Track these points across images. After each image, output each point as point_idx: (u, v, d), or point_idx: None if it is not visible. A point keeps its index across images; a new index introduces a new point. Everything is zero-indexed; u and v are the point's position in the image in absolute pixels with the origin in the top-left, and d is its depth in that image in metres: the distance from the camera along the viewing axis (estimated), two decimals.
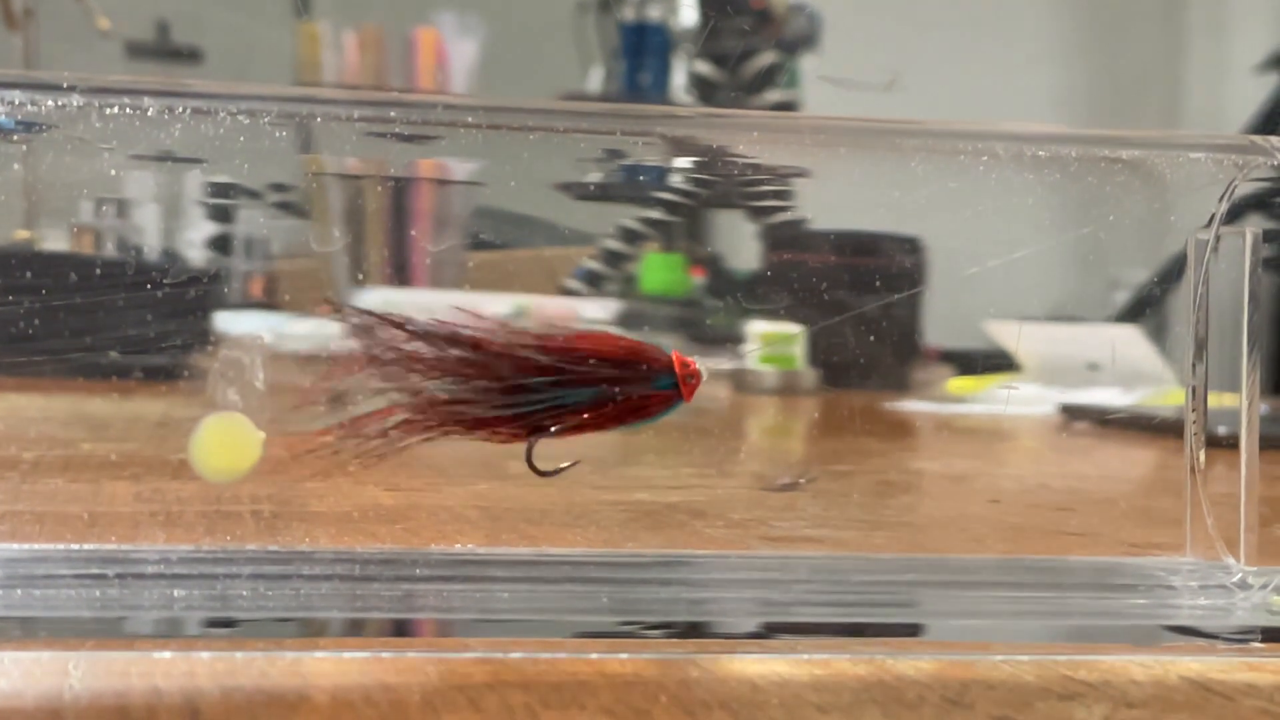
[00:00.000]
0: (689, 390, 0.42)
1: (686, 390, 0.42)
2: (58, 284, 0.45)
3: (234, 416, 0.41)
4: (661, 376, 0.42)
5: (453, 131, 0.44)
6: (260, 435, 0.41)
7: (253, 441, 0.41)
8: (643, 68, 2.46)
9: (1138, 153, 0.47)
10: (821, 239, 0.53)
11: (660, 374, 0.42)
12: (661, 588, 0.43)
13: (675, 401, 0.42)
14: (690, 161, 0.49)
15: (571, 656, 0.39)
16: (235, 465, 0.41)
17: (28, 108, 0.41)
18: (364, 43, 2.69)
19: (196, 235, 0.66)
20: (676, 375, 0.42)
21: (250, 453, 0.41)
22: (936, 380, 1.02)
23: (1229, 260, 0.46)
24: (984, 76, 2.66)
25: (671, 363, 0.42)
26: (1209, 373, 0.47)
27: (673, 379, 0.42)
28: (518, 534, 0.49)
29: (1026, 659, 0.40)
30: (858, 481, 0.60)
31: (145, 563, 0.41)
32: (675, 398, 0.42)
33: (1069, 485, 0.71)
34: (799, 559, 0.47)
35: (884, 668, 0.39)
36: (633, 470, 0.60)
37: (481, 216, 0.52)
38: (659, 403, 0.42)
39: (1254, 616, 0.44)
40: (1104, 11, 3.02)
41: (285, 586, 0.41)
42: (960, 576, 0.46)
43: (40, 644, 0.38)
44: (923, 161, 0.47)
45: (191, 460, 0.41)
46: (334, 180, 0.49)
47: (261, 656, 0.37)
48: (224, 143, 0.43)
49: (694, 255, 1.41)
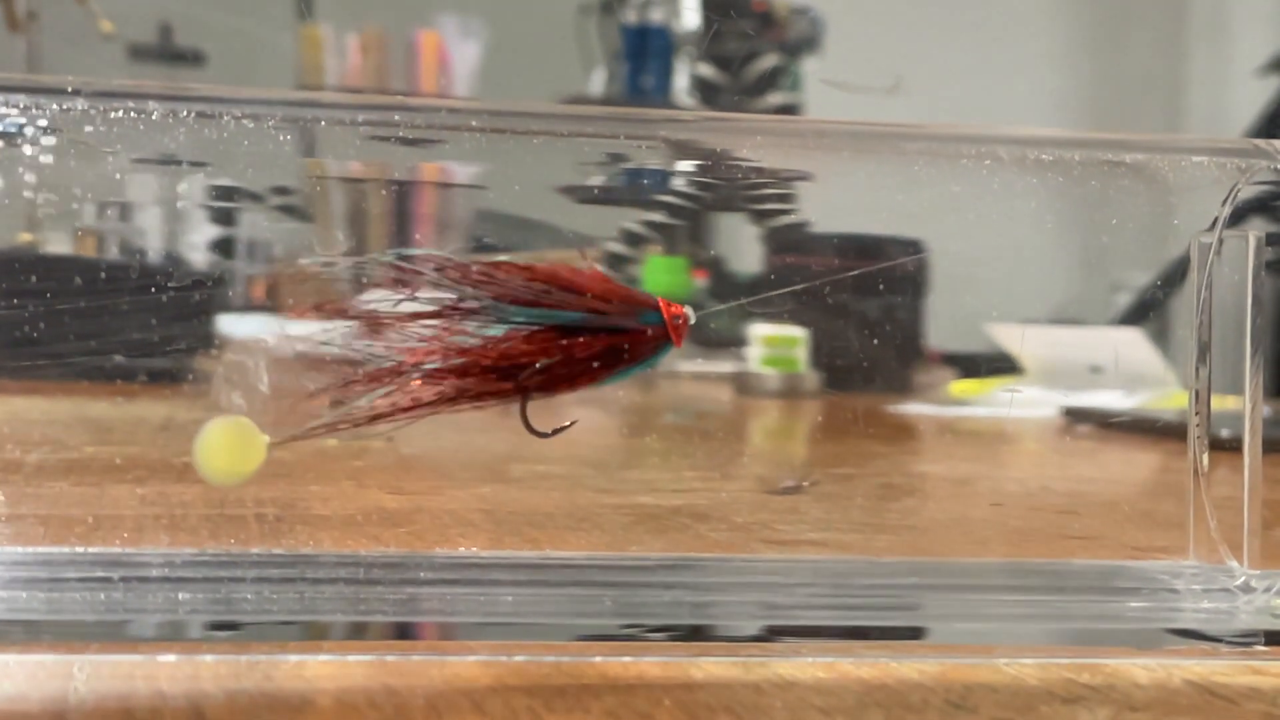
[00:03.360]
0: (677, 333, 0.41)
1: (675, 333, 0.41)
2: (61, 287, 0.45)
3: (238, 420, 0.41)
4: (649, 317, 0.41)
5: (456, 135, 0.44)
6: (264, 438, 0.41)
7: (257, 445, 0.41)
8: (645, 70, 2.46)
9: (1140, 156, 0.47)
10: (824, 242, 0.53)
11: (648, 316, 0.41)
12: (665, 591, 0.43)
13: (664, 345, 0.41)
14: (693, 165, 0.49)
15: (575, 660, 0.39)
16: (240, 468, 0.41)
17: (32, 111, 0.41)
18: (366, 45, 2.69)
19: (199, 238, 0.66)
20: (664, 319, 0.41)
21: (254, 456, 0.41)
22: (939, 383, 1.02)
23: (1232, 264, 0.46)
24: (987, 79, 2.66)
25: (658, 306, 0.41)
26: (1212, 376, 0.47)
27: (661, 322, 0.41)
28: (521, 537, 0.49)
29: (1030, 662, 0.40)
30: (860, 484, 0.60)
31: (149, 566, 0.41)
32: (664, 340, 0.41)
33: (1072, 488, 0.71)
34: (802, 562, 0.47)
35: (887, 671, 0.39)
36: (635, 473, 0.60)
37: (484, 219, 0.52)
38: (648, 345, 0.41)
39: (1257, 620, 0.44)
40: (1106, 15, 3.02)
41: (289, 590, 0.41)
42: (963, 580, 0.46)
43: (45, 647, 0.38)
44: (926, 165, 0.47)
45: (196, 463, 0.41)
46: (336, 183, 0.49)
47: (265, 660, 0.38)
48: (227, 146, 0.43)
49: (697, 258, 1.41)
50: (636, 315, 0.41)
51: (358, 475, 0.40)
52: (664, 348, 0.41)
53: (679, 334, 0.41)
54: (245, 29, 2.47)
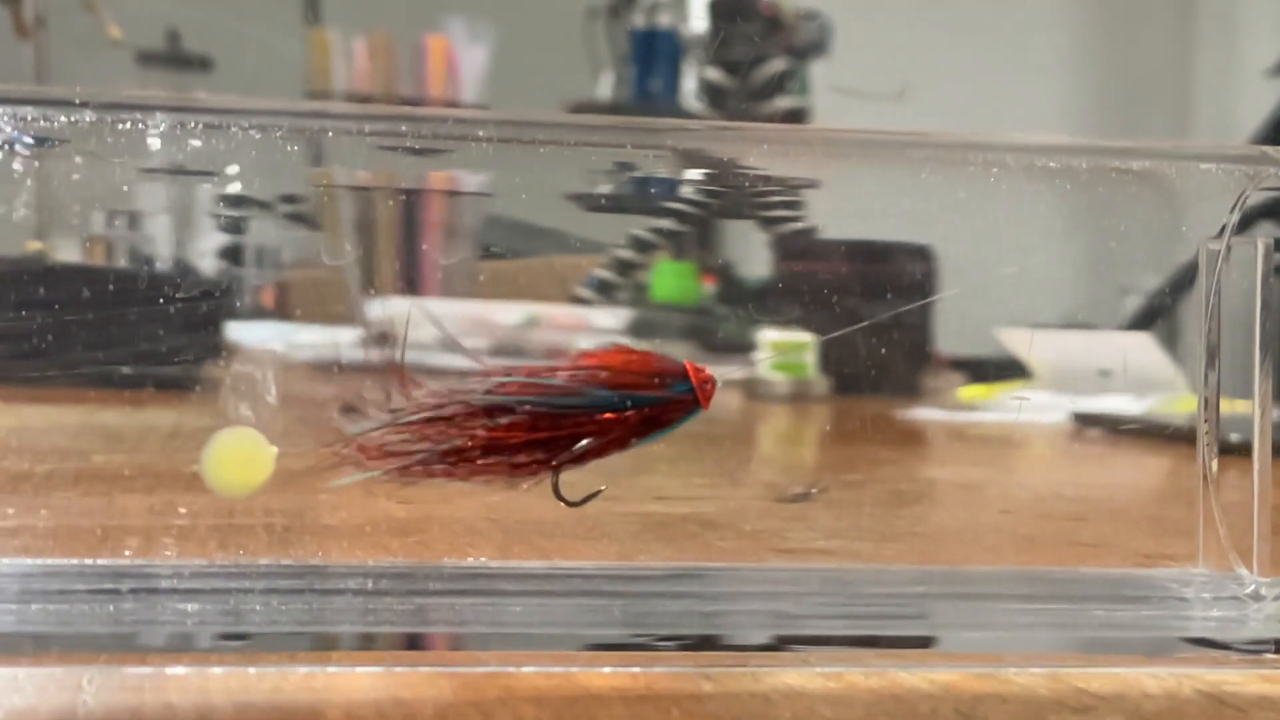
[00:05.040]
0: (705, 397, 0.42)
1: (703, 396, 0.42)
2: (70, 296, 0.45)
3: (246, 431, 0.41)
4: (677, 385, 0.42)
5: (465, 145, 0.44)
6: (273, 449, 0.41)
7: (265, 456, 0.41)
8: (653, 74, 2.46)
9: (1148, 163, 0.47)
10: (832, 248, 0.53)
11: (675, 383, 0.42)
12: (673, 600, 0.43)
13: (693, 409, 0.42)
14: (701, 172, 0.49)
15: (584, 670, 0.39)
16: (248, 480, 0.41)
17: (40, 123, 0.41)
18: (374, 50, 2.69)
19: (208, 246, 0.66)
20: (692, 383, 0.41)
21: (263, 467, 0.41)
22: (948, 388, 1.02)
23: (1240, 270, 0.46)
24: (995, 83, 2.66)
25: (685, 371, 0.42)
26: (1221, 381, 0.47)
27: (689, 387, 0.41)
28: (530, 546, 0.49)
29: (1039, 671, 0.40)
30: (869, 491, 0.60)
31: (158, 577, 0.41)
32: (693, 405, 0.42)
33: (1081, 494, 0.71)
34: (811, 571, 0.47)
35: (896, 680, 0.39)
36: (644, 480, 0.60)
37: (493, 226, 0.52)
38: (677, 411, 0.42)
39: (1267, 628, 0.44)
40: (1114, 18, 3.02)
41: (298, 601, 0.41)
42: (972, 588, 0.46)
43: (54, 659, 0.38)
44: (933, 172, 0.47)
45: (204, 475, 0.41)
46: (348, 192, 0.49)
47: (274, 671, 0.38)
48: (235, 156, 0.43)
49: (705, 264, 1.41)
50: (666, 384, 0.41)
51: (367, 484, 0.40)
52: (692, 411, 0.42)
53: (707, 398, 0.42)
54: (253, 34, 2.48)
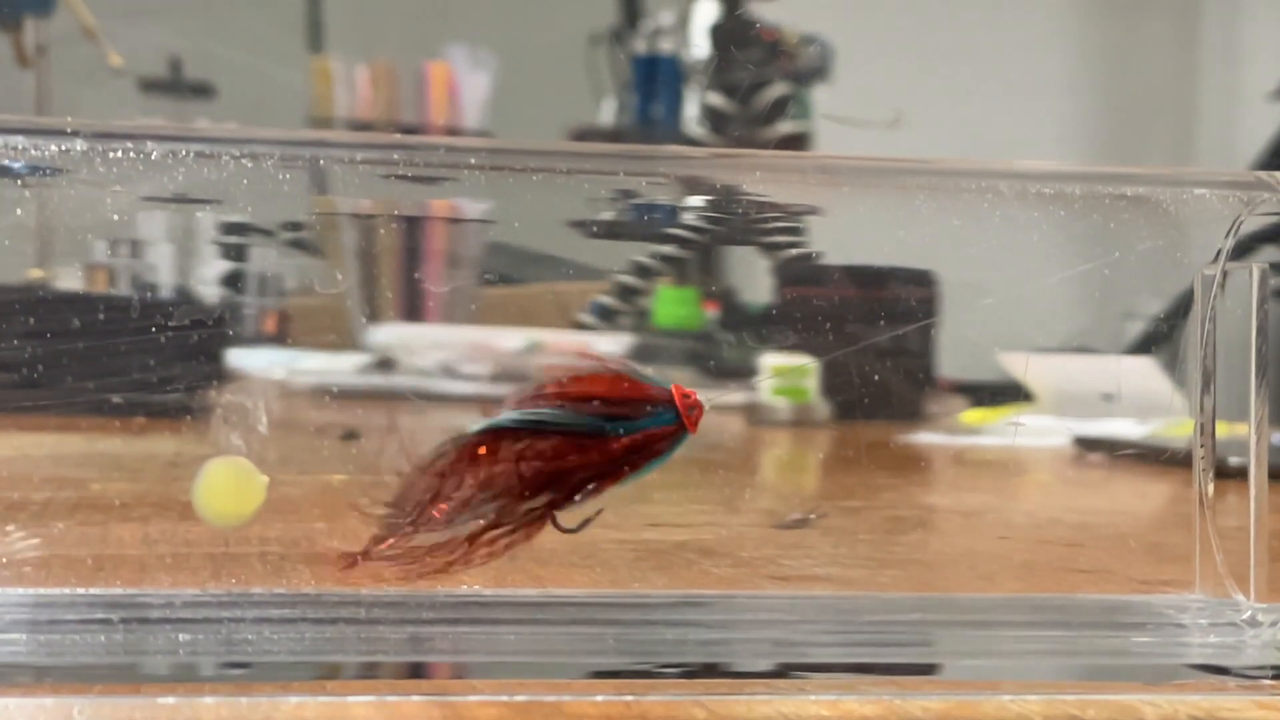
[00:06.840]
0: (692, 422, 0.41)
1: (689, 422, 0.41)
2: (68, 323, 0.45)
3: (237, 461, 0.41)
4: (663, 412, 0.41)
5: (468, 172, 0.44)
6: (264, 479, 0.41)
7: (256, 485, 0.41)
8: (655, 100, 2.47)
9: (1144, 190, 0.47)
10: (834, 274, 0.53)
11: (662, 409, 0.41)
12: (669, 629, 0.43)
13: (681, 435, 0.42)
14: (702, 199, 0.49)
15: (578, 699, 0.39)
16: (239, 510, 0.41)
17: (31, 152, 0.41)
18: (376, 77, 2.70)
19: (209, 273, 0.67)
20: (678, 409, 0.41)
21: (254, 497, 0.41)
22: (950, 412, 1.02)
23: (1236, 295, 0.46)
24: (997, 106, 2.66)
25: (672, 397, 0.41)
26: (1218, 405, 0.47)
27: (675, 413, 0.41)
28: (525, 574, 0.49)
29: (1035, 698, 0.40)
30: (868, 518, 0.60)
31: (151, 607, 0.41)
32: (680, 431, 0.41)
33: (1080, 520, 0.71)
34: (808, 598, 0.47)
35: (892, 708, 0.39)
36: (641, 507, 0.60)
37: (495, 253, 0.52)
38: (665, 439, 0.41)
39: (1264, 654, 0.44)
40: (1115, 42, 3.02)
41: (291, 630, 0.41)
42: (969, 615, 0.46)
43: (45, 690, 0.38)
44: (936, 198, 0.47)
45: (195, 505, 0.41)
46: (350, 220, 0.49)
47: (267, 701, 0.37)
48: (236, 184, 0.43)
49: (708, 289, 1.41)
50: (652, 414, 0.41)
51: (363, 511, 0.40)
52: (680, 438, 0.41)
53: (694, 422, 0.41)
54: (255, 62, 2.48)
